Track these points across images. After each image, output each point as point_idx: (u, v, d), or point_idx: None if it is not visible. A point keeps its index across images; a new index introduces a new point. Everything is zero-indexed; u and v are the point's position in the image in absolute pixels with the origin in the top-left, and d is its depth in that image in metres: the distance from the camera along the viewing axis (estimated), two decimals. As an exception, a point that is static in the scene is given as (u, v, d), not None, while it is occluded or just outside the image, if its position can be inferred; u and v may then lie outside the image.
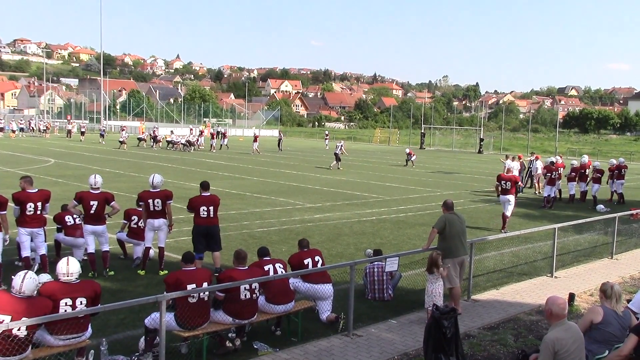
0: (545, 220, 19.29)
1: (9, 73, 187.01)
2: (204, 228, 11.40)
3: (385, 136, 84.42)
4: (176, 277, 7.74)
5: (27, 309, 6.33)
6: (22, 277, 6.50)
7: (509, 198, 17.43)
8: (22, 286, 6.43)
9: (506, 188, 17.47)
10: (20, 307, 6.30)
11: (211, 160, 39.08)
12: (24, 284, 6.45)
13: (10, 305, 6.28)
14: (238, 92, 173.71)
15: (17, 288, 6.43)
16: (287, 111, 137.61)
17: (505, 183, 17.58)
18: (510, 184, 17.50)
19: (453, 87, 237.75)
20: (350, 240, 15.35)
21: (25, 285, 6.46)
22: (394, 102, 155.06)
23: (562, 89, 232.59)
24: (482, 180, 32.16)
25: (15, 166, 30.26)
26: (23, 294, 6.42)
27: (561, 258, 13.69)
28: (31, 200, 10.57)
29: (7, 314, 6.20)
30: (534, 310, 10.15)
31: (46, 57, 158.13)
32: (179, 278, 7.69)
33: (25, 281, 6.47)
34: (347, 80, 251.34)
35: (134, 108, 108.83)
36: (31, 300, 6.47)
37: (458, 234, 9.79)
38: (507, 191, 17.45)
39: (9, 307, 6.26)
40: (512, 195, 17.54)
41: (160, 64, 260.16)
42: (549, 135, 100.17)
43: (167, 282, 7.73)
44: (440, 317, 7.26)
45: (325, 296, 9.14)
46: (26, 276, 6.53)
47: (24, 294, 6.42)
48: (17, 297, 6.39)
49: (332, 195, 23.71)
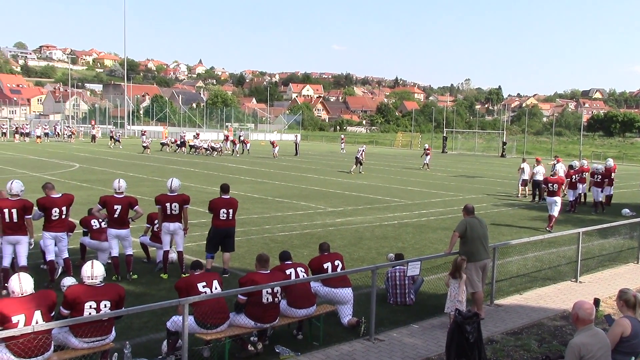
0: (570, 225, 19.08)
1: (35, 79, 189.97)
2: (222, 230, 11.55)
3: (407, 140, 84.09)
4: (186, 280, 7.89)
5: (36, 303, 6.42)
6: (18, 279, 6.51)
7: (556, 199, 18.41)
8: (22, 287, 6.46)
9: (553, 190, 18.57)
10: (29, 304, 6.37)
11: (233, 165, 39.29)
12: (24, 284, 6.48)
13: (20, 305, 6.33)
14: (260, 96, 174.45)
15: (18, 290, 6.44)
16: (309, 115, 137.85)
17: (552, 185, 18.71)
18: (556, 186, 18.63)
19: (475, 91, 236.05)
20: (371, 244, 15.31)
21: (25, 284, 6.49)
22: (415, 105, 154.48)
23: (586, 92, 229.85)
24: (505, 184, 31.88)
25: (41, 171, 30.71)
26: (25, 293, 6.46)
27: (586, 263, 13.52)
28: (56, 206, 10.69)
29: (20, 314, 6.26)
30: (558, 316, 10.03)
31: (71, 63, 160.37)
32: (190, 280, 7.83)
33: (23, 281, 6.50)
34: (368, 84, 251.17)
35: (157, 113, 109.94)
36: (35, 294, 6.54)
37: (479, 237, 9.74)
38: (553, 193, 18.52)
39: (19, 307, 6.32)
40: (558, 197, 18.53)
41: (183, 69, 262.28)
42: (573, 138, 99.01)
43: (178, 287, 7.81)
44: (462, 322, 7.21)
45: (345, 300, 9.12)
46: (21, 277, 6.56)
47: (26, 292, 6.47)
48: (21, 297, 6.43)
49: (353, 200, 23.68)
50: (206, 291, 7.67)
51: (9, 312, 6.23)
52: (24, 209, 10.21)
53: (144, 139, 52.24)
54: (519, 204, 24.34)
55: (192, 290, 7.61)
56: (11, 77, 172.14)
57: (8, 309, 6.25)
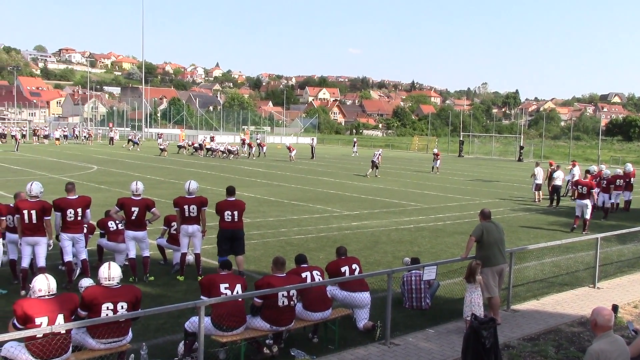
0: (588, 230, 18.90)
1: (54, 82, 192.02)
2: (229, 232, 11.55)
3: (423, 144, 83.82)
4: (210, 278, 7.97)
5: (59, 305, 6.49)
6: (45, 279, 6.60)
7: (587, 202, 18.83)
8: (49, 285, 6.55)
9: (583, 192, 18.95)
10: (53, 306, 6.44)
11: (249, 168, 39.42)
12: (51, 284, 6.57)
13: (44, 306, 6.40)
14: (276, 99, 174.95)
15: (46, 289, 6.51)
16: (325, 119, 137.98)
17: (582, 188, 19.12)
18: (586, 189, 18.99)
19: (492, 95, 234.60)
20: (387, 248, 15.28)
21: (52, 285, 6.58)
22: (432, 109, 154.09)
23: (604, 96, 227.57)
24: (522, 189, 31.66)
25: (60, 172, 31.02)
26: (50, 294, 6.54)
27: (604, 268, 13.38)
28: (71, 207, 10.78)
29: (43, 316, 6.33)
30: (576, 322, 9.94)
31: (90, 66, 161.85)
32: (214, 279, 7.90)
33: (50, 281, 6.59)
34: (385, 87, 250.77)
35: (174, 116, 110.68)
36: (59, 297, 6.62)
37: (496, 242, 9.69)
38: (584, 195, 18.92)
39: (43, 308, 6.38)
40: (588, 200, 18.88)
41: (200, 72, 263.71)
42: (591, 143, 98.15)
43: (201, 283, 8.01)
44: (479, 327, 7.17)
45: (363, 304, 9.11)
46: (47, 277, 6.65)
47: (50, 293, 6.55)
48: (45, 299, 6.50)
49: (369, 203, 23.66)
50: (227, 293, 7.72)
51: (32, 312, 6.29)
52: (43, 210, 10.33)
53: (160, 141, 52.60)
54: (536, 209, 24.17)
55: (214, 289, 7.71)
56: (31, 79, 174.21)
57: (32, 310, 6.32)
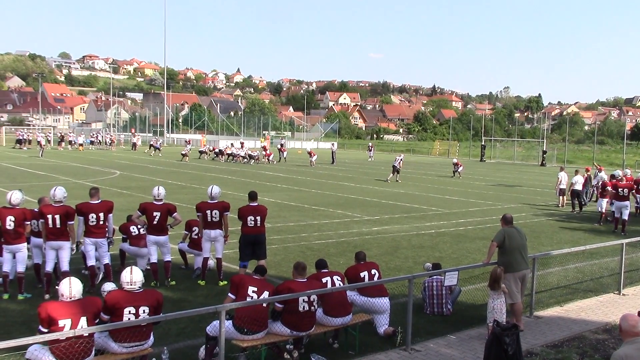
0: (612, 236, 18.66)
1: (78, 88, 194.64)
2: (251, 237, 11.57)
3: (444, 148, 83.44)
4: (242, 278, 8.15)
5: (83, 309, 6.58)
6: (68, 283, 6.71)
7: (626, 204, 19.87)
8: (71, 291, 6.65)
9: (623, 195, 19.93)
10: (76, 309, 6.54)
11: (270, 173, 39.52)
12: (73, 289, 6.67)
13: (67, 310, 6.51)
14: (297, 105, 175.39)
15: (67, 294, 6.63)
16: (346, 124, 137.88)
17: (622, 190, 20.04)
18: (626, 191, 20.09)
19: (514, 99, 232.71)
20: (408, 253, 15.21)
21: (74, 289, 6.68)
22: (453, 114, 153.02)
23: (629, 100, 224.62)
24: (545, 194, 31.34)
25: (83, 178, 31.40)
26: (74, 298, 6.65)
27: (629, 275, 13.18)
28: (93, 211, 10.90)
29: (67, 318, 6.43)
30: (601, 329, 9.80)
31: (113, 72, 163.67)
32: (245, 279, 8.04)
33: (73, 286, 6.70)
34: (405, 92, 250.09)
35: (195, 121, 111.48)
36: (82, 300, 6.71)
37: (518, 248, 9.60)
38: (623, 197, 19.89)
39: (66, 311, 6.49)
40: (627, 201, 19.95)
41: (221, 78, 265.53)
42: (615, 147, 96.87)
43: (232, 281, 8.10)
44: (501, 334, 7.10)
45: (382, 310, 9.07)
46: (71, 281, 6.75)
47: (74, 297, 6.65)
48: (69, 302, 6.61)
49: (390, 208, 23.58)
50: (254, 297, 7.79)
51: (56, 315, 6.41)
52: (66, 215, 10.46)
53: (188, 147, 52.65)
54: (559, 214, 23.90)
55: (242, 289, 7.83)
56: (55, 86, 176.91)
57: (56, 312, 6.43)
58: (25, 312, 9.62)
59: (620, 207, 19.72)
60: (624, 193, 19.87)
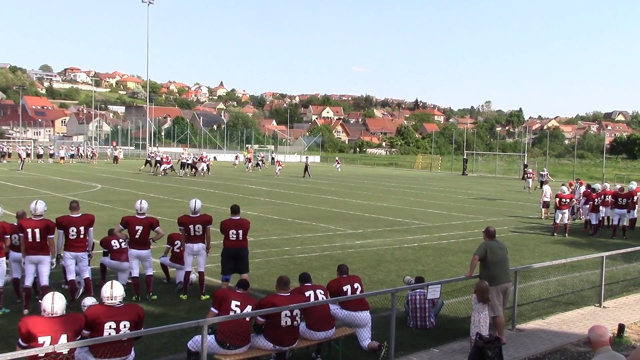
0: (593, 249, 18.83)
1: (59, 101, 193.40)
2: (233, 250, 11.53)
3: (427, 162, 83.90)
4: (225, 292, 8.11)
5: (63, 326, 6.44)
6: (51, 299, 6.55)
7: (625, 212, 22.05)
8: (53, 307, 6.50)
9: (622, 204, 22.06)
10: (57, 326, 6.40)
11: (253, 186, 39.45)
12: (55, 305, 6.52)
13: (47, 326, 6.37)
14: (280, 118, 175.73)
15: (49, 310, 6.48)
16: (329, 137, 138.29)
17: (621, 200, 22.09)
18: (626, 200, 22.04)
19: (496, 113, 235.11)
20: (391, 267, 15.22)
21: (57, 305, 6.53)
22: (435, 128, 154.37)
23: (608, 114, 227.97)
24: (526, 207, 31.59)
25: (64, 191, 31.09)
26: (56, 314, 6.50)
27: (610, 287, 13.31)
28: (74, 225, 10.79)
29: (46, 335, 6.29)
30: (582, 341, 9.85)
31: (95, 85, 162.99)
32: (228, 294, 8.01)
33: (56, 302, 6.54)
34: (388, 106, 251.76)
35: (178, 134, 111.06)
36: (64, 317, 6.56)
37: (500, 261, 9.66)
38: (623, 206, 22.05)
39: (47, 328, 6.35)
40: (625, 209, 22.02)
41: (204, 91, 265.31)
42: (595, 161, 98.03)
43: (214, 295, 8.08)
44: (484, 347, 7.13)
45: (363, 323, 9.04)
46: (55, 297, 6.59)
47: (56, 314, 6.50)
48: (50, 318, 6.46)
49: (373, 222, 23.62)
50: (237, 311, 7.76)
51: (36, 331, 6.28)
52: (46, 228, 10.35)
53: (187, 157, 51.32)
54: (541, 227, 24.09)
55: (225, 303, 7.81)
56: (36, 99, 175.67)
57: (36, 329, 6.30)
58: (3, 327, 9.47)
59: (620, 214, 22.14)
60: (623, 202, 21.99)
